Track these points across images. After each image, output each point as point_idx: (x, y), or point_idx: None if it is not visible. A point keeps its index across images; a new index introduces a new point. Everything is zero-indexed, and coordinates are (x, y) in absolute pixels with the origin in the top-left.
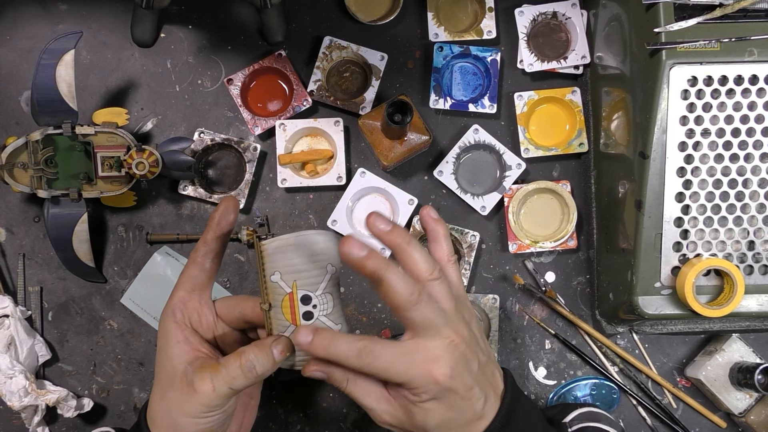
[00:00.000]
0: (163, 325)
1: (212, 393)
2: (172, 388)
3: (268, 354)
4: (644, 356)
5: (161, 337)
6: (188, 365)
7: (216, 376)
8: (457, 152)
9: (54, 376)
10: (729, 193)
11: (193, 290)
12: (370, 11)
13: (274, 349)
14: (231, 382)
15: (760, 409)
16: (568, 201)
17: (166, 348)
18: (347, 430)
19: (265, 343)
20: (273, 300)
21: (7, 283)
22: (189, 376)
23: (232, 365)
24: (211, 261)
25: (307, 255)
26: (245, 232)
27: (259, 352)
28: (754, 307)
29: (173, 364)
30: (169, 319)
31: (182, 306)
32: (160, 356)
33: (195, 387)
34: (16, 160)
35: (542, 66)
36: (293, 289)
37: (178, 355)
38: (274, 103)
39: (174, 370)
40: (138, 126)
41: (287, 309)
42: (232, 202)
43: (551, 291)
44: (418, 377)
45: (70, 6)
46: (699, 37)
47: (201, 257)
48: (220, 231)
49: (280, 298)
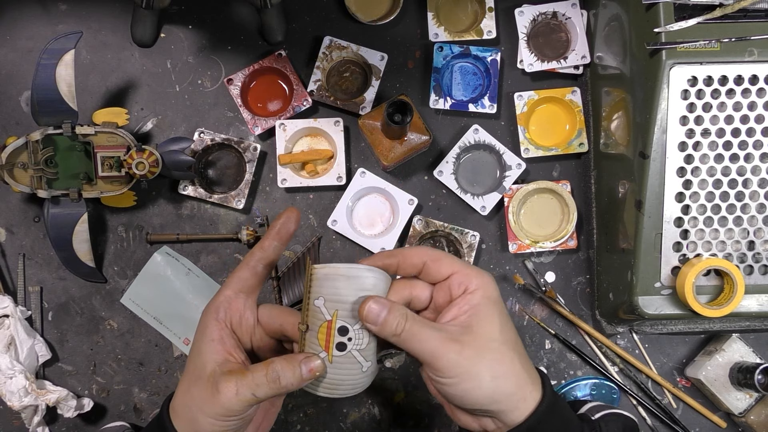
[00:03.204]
0: (203, 321)
1: (234, 397)
2: (197, 384)
3: (296, 369)
4: (644, 356)
5: (199, 332)
6: (217, 366)
7: (241, 381)
8: (457, 152)
9: (54, 376)
10: (729, 193)
11: (240, 291)
12: (370, 11)
13: (303, 366)
14: (255, 389)
15: (760, 409)
16: (568, 201)
17: (200, 343)
18: (347, 430)
19: (295, 358)
20: (311, 323)
21: (7, 283)
22: (215, 377)
23: (258, 373)
24: (263, 266)
25: (354, 288)
26: (245, 232)
27: (287, 365)
28: (754, 307)
29: (203, 361)
30: (210, 315)
31: (227, 305)
32: (192, 350)
33: (219, 388)
34: (16, 160)
35: (542, 66)
36: (333, 318)
37: (209, 353)
38: (274, 103)
39: (203, 367)
40: (138, 126)
41: (323, 335)
42: (295, 214)
43: (551, 291)
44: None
45: (70, 6)
46: (699, 37)
47: (255, 261)
48: (280, 239)
49: (318, 322)
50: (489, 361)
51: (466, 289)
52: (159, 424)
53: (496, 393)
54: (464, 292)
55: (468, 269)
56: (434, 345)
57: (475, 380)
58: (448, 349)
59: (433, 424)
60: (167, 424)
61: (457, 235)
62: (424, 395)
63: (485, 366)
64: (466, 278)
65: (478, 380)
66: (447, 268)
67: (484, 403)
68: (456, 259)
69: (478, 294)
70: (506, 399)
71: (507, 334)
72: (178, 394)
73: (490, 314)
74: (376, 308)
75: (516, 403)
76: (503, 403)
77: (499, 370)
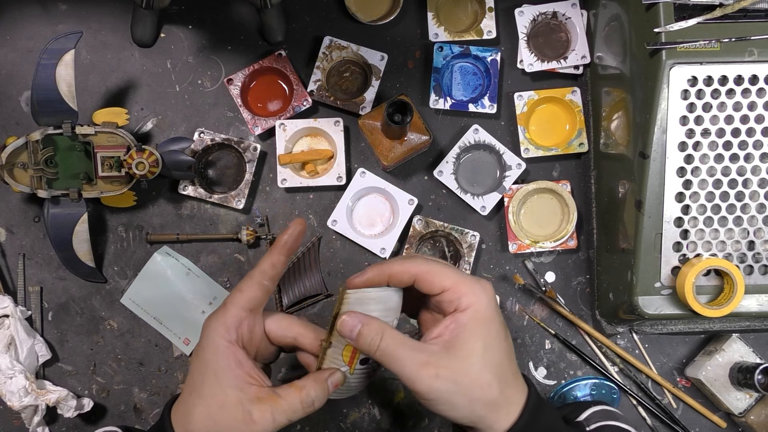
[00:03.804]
0: (212, 340)
1: (272, 425)
2: (223, 411)
3: (326, 388)
4: (644, 356)
5: (210, 353)
6: (241, 392)
7: (277, 409)
8: (457, 152)
9: (54, 376)
10: (729, 193)
11: (250, 310)
12: (370, 11)
13: (329, 383)
14: (291, 415)
15: (760, 409)
16: (568, 201)
17: (215, 367)
18: (347, 430)
19: (322, 377)
20: (336, 340)
21: (7, 283)
22: (246, 406)
23: (292, 398)
24: (271, 282)
25: (381, 309)
26: (245, 232)
27: (319, 388)
28: (754, 307)
29: (223, 387)
30: (222, 338)
31: (237, 324)
32: (206, 372)
33: (254, 418)
34: (16, 160)
35: (542, 66)
36: None
37: (230, 379)
38: (274, 103)
39: (224, 395)
40: (138, 126)
41: (348, 352)
42: (302, 227)
43: (551, 291)
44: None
45: (70, 6)
46: (699, 37)
47: (263, 277)
48: (288, 253)
49: (344, 340)
50: (465, 387)
51: (457, 307)
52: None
53: (472, 415)
54: (455, 311)
55: (461, 285)
56: (410, 368)
57: (449, 404)
58: (423, 375)
59: (433, 424)
60: None
61: (457, 235)
62: None
63: (461, 392)
64: (457, 296)
65: (453, 404)
66: (438, 283)
67: (462, 421)
68: (451, 272)
69: (468, 313)
70: (481, 420)
71: (490, 355)
72: (195, 418)
73: (475, 336)
74: (349, 322)
75: (492, 423)
76: (480, 423)
77: (474, 394)
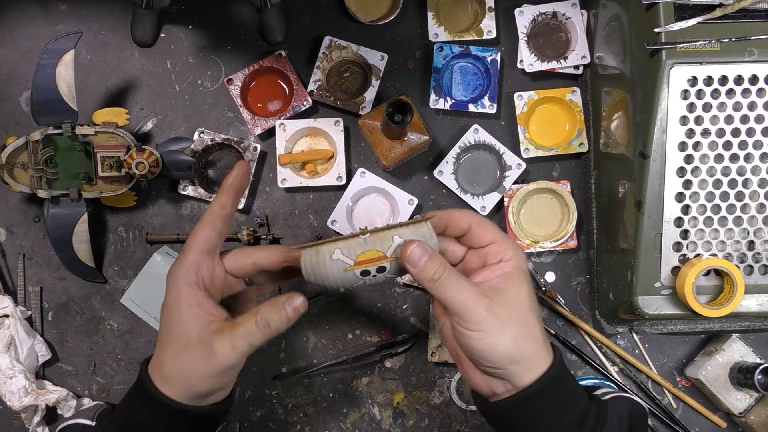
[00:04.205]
0: (174, 287)
1: (231, 352)
2: (186, 351)
3: (281, 311)
4: (644, 356)
5: (172, 299)
6: (202, 329)
7: (234, 335)
8: (457, 152)
9: (54, 376)
10: (729, 193)
11: (206, 252)
12: (370, 11)
13: (288, 307)
14: (249, 338)
15: (760, 409)
16: (568, 201)
17: (178, 311)
18: (347, 430)
19: (278, 301)
20: (373, 239)
21: (7, 283)
22: (206, 340)
23: (249, 323)
24: (223, 223)
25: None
26: (245, 232)
27: (273, 310)
28: (754, 307)
29: (186, 327)
30: (181, 280)
31: (196, 267)
32: (171, 318)
33: (215, 349)
34: (16, 160)
35: (542, 66)
36: (391, 258)
37: (190, 319)
38: (274, 103)
39: (188, 334)
40: (138, 126)
41: (366, 258)
42: (245, 167)
43: (551, 291)
44: None
45: (70, 6)
46: (699, 37)
47: (215, 219)
48: (235, 194)
49: (376, 248)
50: (514, 322)
51: (502, 258)
52: (142, 392)
53: (516, 352)
54: (499, 261)
55: (506, 241)
56: (467, 296)
57: (499, 337)
58: (479, 304)
59: (433, 424)
60: (153, 391)
61: None
62: (424, 395)
63: (510, 326)
64: (503, 248)
65: (503, 337)
66: (489, 235)
67: (503, 362)
68: (497, 229)
69: (512, 263)
70: (523, 359)
71: (533, 302)
72: (165, 362)
73: (520, 283)
74: (418, 252)
75: (530, 366)
76: (520, 364)
77: (522, 332)
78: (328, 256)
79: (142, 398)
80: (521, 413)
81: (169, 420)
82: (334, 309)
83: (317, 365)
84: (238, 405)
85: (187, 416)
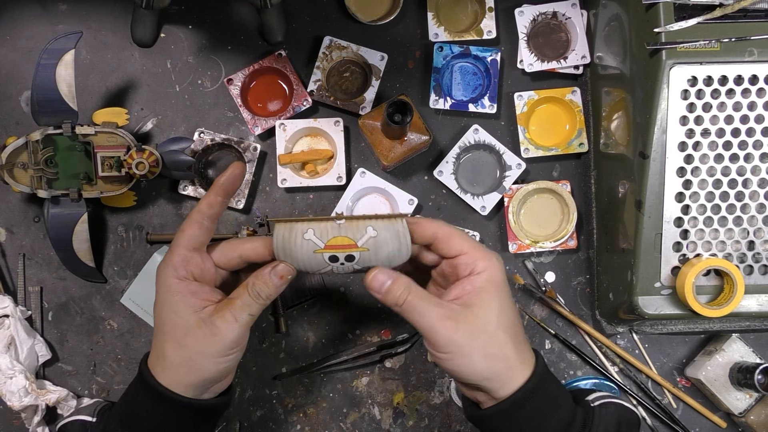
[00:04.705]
0: (164, 282)
1: (235, 323)
2: (188, 335)
3: (268, 280)
4: (644, 356)
5: (163, 293)
6: (200, 313)
7: (234, 308)
8: (457, 152)
9: (54, 376)
10: (729, 193)
11: (193, 249)
12: (370, 11)
13: (273, 276)
14: (248, 309)
15: (760, 409)
16: (568, 201)
17: (171, 303)
18: (347, 430)
19: (263, 272)
20: (346, 227)
21: (7, 283)
22: (206, 320)
23: (244, 295)
24: (210, 221)
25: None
26: (245, 232)
27: (260, 281)
28: (754, 307)
29: (182, 317)
30: (170, 275)
31: (185, 263)
32: (164, 311)
33: (217, 325)
34: (16, 160)
35: (542, 66)
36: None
37: (186, 308)
38: (274, 103)
39: (185, 322)
40: (138, 126)
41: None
42: (240, 168)
43: (551, 291)
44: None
45: (70, 6)
46: (699, 37)
47: (202, 217)
48: (225, 194)
49: (347, 234)
50: (482, 342)
51: (472, 271)
52: (144, 386)
53: (486, 371)
54: (470, 274)
55: (476, 251)
56: (432, 320)
57: (467, 357)
58: (444, 326)
59: (433, 424)
60: (156, 385)
61: None
62: (424, 395)
63: (478, 346)
64: (472, 260)
65: (471, 358)
66: (456, 246)
67: (476, 379)
68: (466, 238)
69: (483, 276)
70: (496, 377)
71: (504, 317)
72: (167, 353)
73: (490, 297)
74: (381, 278)
75: (505, 381)
76: (493, 381)
77: (491, 351)
78: (301, 235)
79: (144, 392)
80: (505, 420)
81: (172, 413)
82: (334, 309)
83: (317, 365)
84: (238, 405)
85: (190, 409)
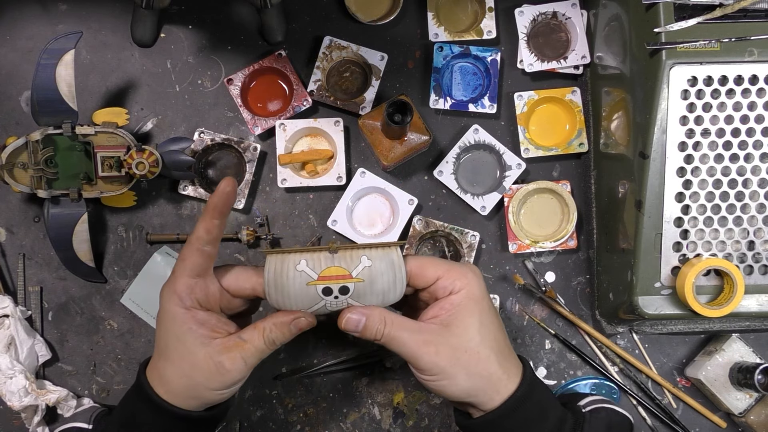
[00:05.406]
0: (168, 309)
1: (244, 367)
2: (195, 370)
3: (285, 331)
4: (644, 356)
5: (169, 321)
6: (208, 348)
7: (245, 353)
8: (457, 152)
9: (54, 376)
10: (729, 193)
11: (197, 276)
12: (370, 11)
13: (293, 327)
14: (259, 355)
15: (760, 409)
16: (568, 201)
17: (177, 333)
18: (347, 430)
19: (282, 321)
20: (340, 258)
21: (7, 283)
22: (215, 358)
23: (257, 341)
24: (212, 246)
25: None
26: (245, 232)
27: (278, 331)
28: (754, 307)
29: (189, 348)
30: (176, 306)
31: (189, 291)
32: (169, 337)
33: (226, 367)
34: (16, 160)
35: (542, 66)
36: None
37: (192, 340)
38: (274, 103)
39: (192, 355)
40: (138, 126)
41: (330, 273)
42: (230, 186)
43: (551, 291)
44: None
45: (70, 6)
46: (699, 37)
47: (202, 244)
48: (221, 215)
49: (341, 264)
50: (465, 362)
51: (452, 291)
52: (143, 397)
53: (471, 389)
54: (449, 294)
55: (452, 271)
56: (411, 347)
57: (451, 379)
58: (425, 352)
59: (433, 424)
60: (155, 397)
61: (457, 235)
62: (424, 395)
63: (461, 366)
64: (450, 282)
65: (454, 379)
66: (431, 273)
67: (461, 397)
68: (439, 262)
69: (462, 294)
70: (482, 393)
71: (486, 331)
72: (170, 379)
73: (470, 314)
74: (354, 320)
75: (491, 396)
76: (479, 396)
77: (474, 370)
78: (293, 267)
79: (142, 403)
80: (493, 430)
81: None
82: None
83: (317, 365)
84: (238, 405)
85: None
